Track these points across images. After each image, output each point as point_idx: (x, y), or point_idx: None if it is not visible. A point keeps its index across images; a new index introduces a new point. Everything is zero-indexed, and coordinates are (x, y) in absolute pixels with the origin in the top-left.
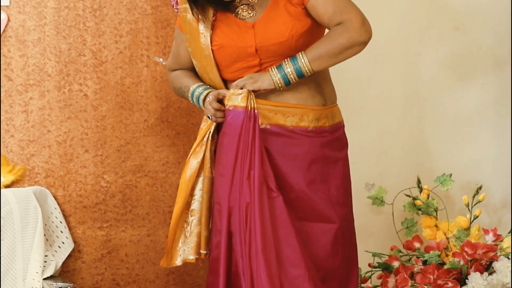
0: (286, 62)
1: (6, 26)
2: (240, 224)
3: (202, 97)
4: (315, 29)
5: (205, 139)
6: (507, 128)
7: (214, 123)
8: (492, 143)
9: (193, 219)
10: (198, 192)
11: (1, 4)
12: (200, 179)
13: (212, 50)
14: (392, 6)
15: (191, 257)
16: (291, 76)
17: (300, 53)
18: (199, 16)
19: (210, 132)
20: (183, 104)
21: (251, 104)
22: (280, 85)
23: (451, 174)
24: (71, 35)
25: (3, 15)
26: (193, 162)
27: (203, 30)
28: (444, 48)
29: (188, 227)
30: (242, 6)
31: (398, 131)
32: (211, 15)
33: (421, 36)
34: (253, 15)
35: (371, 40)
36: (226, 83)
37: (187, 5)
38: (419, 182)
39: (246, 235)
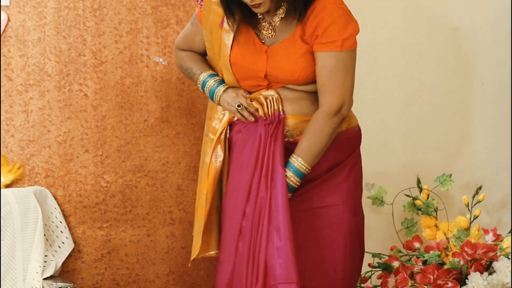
0: (288, 175)
1: (6, 26)
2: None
3: (219, 93)
4: None
5: (222, 136)
6: (507, 128)
7: (227, 123)
8: (491, 143)
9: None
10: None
11: (1, 4)
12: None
13: (230, 62)
14: (392, 6)
15: (212, 252)
16: (293, 181)
17: (298, 160)
18: (230, 24)
19: (225, 132)
20: (183, 104)
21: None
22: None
23: (451, 174)
24: (71, 35)
25: (3, 15)
26: (215, 162)
27: (226, 39)
28: (444, 48)
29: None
30: (264, 24)
31: (398, 131)
32: (236, 26)
33: (421, 36)
34: (272, 36)
35: (371, 40)
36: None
37: (213, 6)
38: (419, 182)
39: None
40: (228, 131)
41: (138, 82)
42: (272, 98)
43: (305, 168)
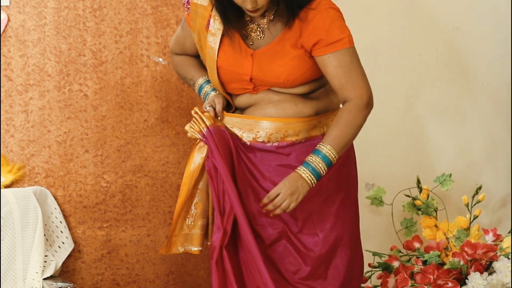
0: (316, 160)
1: (6, 26)
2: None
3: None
4: (314, 71)
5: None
6: (506, 128)
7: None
8: (491, 143)
9: (196, 211)
10: (203, 186)
11: (1, 4)
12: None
13: (217, 66)
14: (392, 6)
15: (194, 248)
16: (321, 167)
17: (327, 147)
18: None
19: None
20: (183, 104)
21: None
22: (314, 183)
23: (450, 174)
24: (71, 35)
25: (3, 15)
26: (197, 157)
27: (211, 43)
28: (444, 48)
29: (192, 219)
30: (252, 26)
31: (398, 131)
32: (222, 29)
33: (421, 36)
34: (260, 38)
35: (371, 40)
36: (231, 95)
37: (199, 10)
38: (418, 182)
39: None
40: None
41: (138, 82)
42: (198, 117)
43: (333, 156)
